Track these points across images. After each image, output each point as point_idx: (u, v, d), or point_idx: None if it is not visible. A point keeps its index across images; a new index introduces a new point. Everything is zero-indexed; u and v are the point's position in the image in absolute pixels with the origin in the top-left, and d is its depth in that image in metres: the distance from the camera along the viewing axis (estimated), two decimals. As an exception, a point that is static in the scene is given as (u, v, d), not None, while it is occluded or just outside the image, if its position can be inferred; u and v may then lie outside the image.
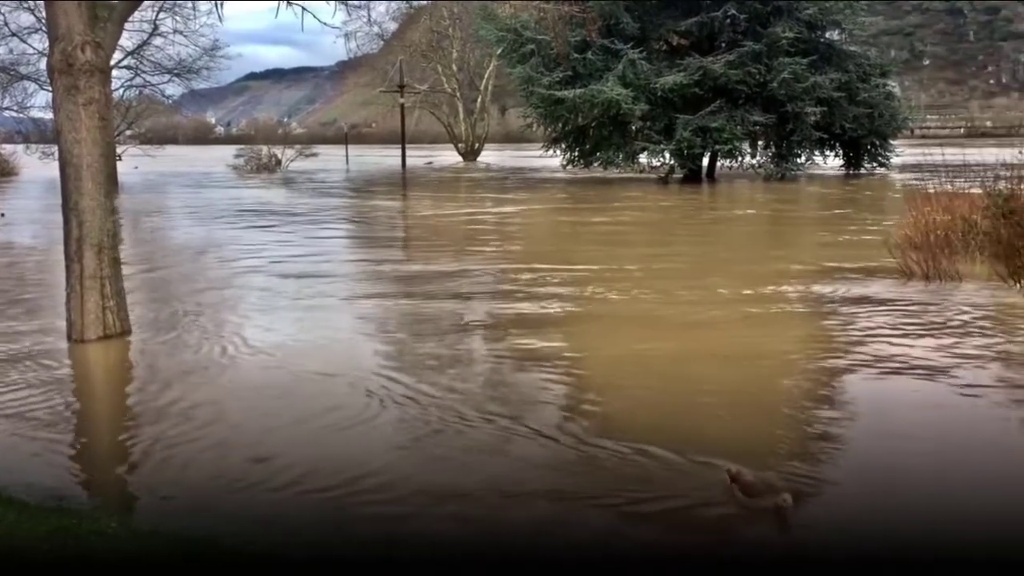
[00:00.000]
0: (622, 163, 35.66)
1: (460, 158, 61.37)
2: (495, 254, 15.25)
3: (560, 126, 37.13)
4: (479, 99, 64.27)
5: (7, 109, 39.77)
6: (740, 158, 36.15)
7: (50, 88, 8.56)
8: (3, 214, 22.62)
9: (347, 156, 60.87)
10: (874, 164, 37.95)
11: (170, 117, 68.47)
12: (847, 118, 35.04)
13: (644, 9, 34.32)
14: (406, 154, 51.13)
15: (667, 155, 34.82)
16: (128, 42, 34.86)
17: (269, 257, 14.78)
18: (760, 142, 36.79)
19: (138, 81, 39.49)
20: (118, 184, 30.45)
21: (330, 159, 55.90)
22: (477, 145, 63.85)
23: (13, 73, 35.89)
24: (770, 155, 36.63)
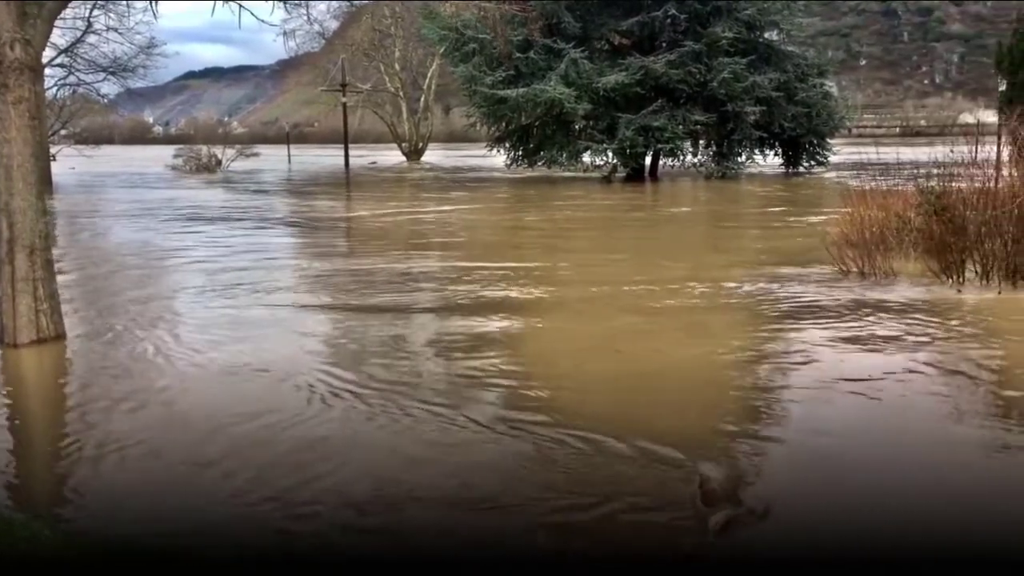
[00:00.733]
0: (565, 162, 35.85)
1: (404, 158, 60.97)
2: (435, 254, 15.29)
3: (503, 125, 37.18)
4: (422, 98, 64.02)
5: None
6: (682, 157, 36.53)
7: (-22, 86, 8.34)
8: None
9: (289, 156, 60.28)
10: (812, 163, 38.59)
11: (106, 117, 67.14)
12: (786, 117, 35.68)
13: (586, 8, 34.50)
14: (349, 154, 50.75)
15: (610, 154, 35.06)
16: (61, 39, 34.21)
17: (205, 258, 14.60)
18: (701, 141, 37.18)
19: (72, 79, 38.60)
20: (52, 184, 29.80)
21: (271, 159, 55.22)
22: (421, 144, 63.52)
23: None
24: (711, 154, 37.09)
